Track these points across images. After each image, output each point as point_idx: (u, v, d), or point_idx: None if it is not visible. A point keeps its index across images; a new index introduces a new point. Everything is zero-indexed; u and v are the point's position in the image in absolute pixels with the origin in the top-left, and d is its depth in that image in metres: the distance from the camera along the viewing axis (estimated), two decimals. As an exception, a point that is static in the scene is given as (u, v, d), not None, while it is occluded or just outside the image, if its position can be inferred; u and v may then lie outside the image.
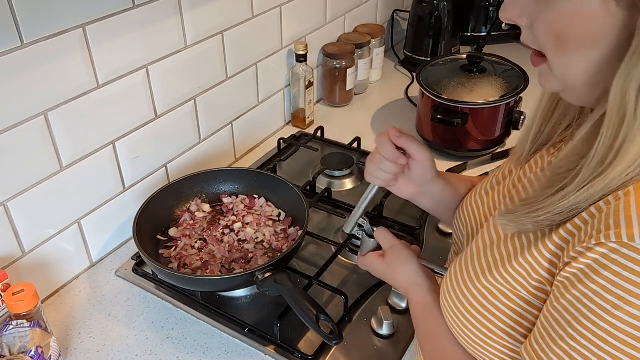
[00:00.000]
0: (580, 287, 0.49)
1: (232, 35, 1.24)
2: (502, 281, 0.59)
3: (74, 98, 0.94)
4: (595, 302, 0.48)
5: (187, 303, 1.00)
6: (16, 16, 0.82)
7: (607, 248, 0.47)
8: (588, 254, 0.49)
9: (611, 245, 0.47)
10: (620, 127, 0.48)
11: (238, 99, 1.34)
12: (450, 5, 1.70)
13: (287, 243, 1.05)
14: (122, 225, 1.13)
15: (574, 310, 0.50)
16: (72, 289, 1.04)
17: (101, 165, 1.04)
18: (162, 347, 0.93)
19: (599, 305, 0.47)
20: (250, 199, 1.15)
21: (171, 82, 1.13)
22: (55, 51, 0.89)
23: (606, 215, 0.49)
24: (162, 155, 1.18)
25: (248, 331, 0.94)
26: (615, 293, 0.46)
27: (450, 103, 1.30)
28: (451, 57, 1.47)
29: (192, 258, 1.02)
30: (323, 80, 1.61)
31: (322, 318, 0.83)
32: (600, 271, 0.48)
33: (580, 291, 0.49)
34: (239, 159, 1.41)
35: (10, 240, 0.93)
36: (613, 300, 0.47)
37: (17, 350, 0.81)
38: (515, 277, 0.58)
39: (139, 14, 1.00)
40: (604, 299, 0.47)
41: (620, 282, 0.46)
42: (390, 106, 1.63)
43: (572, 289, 0.50)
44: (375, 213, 1.16)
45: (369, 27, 1.71)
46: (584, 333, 0.48)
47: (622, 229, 0.47)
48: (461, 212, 0.79)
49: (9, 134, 0.86)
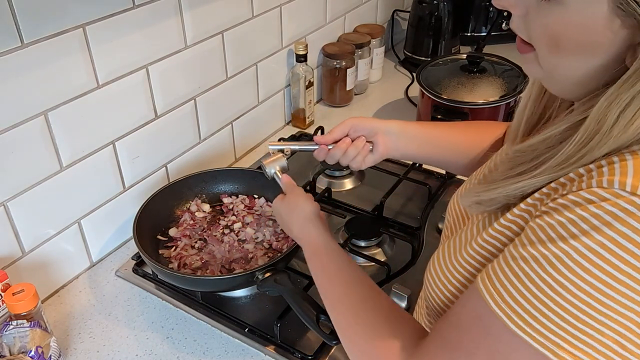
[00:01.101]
0: (574, 241, 0.48)
1: (232, 35, 1.24)
2: (474, 254, 0.60)
3: (74, 98, 0.94)
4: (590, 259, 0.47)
5: (187, 303, 1.00)
6: (16, 16, 0.81)
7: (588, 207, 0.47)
8: (568, 209, 0.48)
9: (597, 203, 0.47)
10: (593, 136, 0.49)
11: (238, 99, 1.34)
12: (450, 5, 1.70)
13: (287, 243, 1.05)
14: (122, 225, 1.13)
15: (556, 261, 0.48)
16: (72, 289, 1.04)
17: (101, 165, 1.04)
18: (162, 347, 0.93)
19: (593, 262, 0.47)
20: (250, 199, 1.15)
21: (171, 82, 1.13)
22: (55, 51, 0.89)
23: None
24: (162, 155, 1.18)
25: (248, 331, 0.94)
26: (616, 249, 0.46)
27: (450, 103, 1.30)
28: (451, 57, 1.47)
29: (192, 258, 1.02)
30: (323, 80, 1.61)
31: (322, 318, 0.83)
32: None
33: (572, 245, 0.48)
34: (239, 159, 1.41)
35: (10, 240, 0.93)
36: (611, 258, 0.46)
37: (17, 350, 0.81)
38: (486, 247, 0.59)
39: (139, 14, 1.00)
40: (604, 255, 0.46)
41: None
42: (390, 106, 1.63)
43: (561, 242, 0.48)
44: (375, 213, 1.16)
45: (369, 27, 1.71)
46: (563, 283, 0.48)
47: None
48: (454, 198, 0.80)
49: (9, 134, 0.86)
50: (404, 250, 1.08)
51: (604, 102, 0.48)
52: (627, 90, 0.47)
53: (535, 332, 0.49)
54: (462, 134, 0.93)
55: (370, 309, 0.67)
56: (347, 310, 0.69)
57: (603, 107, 0.48)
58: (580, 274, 0.47)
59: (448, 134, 0.93)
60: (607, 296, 0.46)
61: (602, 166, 0.48)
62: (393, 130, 0.90)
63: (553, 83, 0.57)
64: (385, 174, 1.25)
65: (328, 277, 0.74)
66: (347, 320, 0.68)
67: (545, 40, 0.53)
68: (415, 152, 0.92)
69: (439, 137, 0.92)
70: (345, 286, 0.71)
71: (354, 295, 0.69)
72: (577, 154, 0.50)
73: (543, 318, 0.49)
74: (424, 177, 1.28)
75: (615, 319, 0.46)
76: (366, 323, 0.66)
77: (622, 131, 0.47)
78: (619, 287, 0.46)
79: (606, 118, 0.48)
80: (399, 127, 0.90)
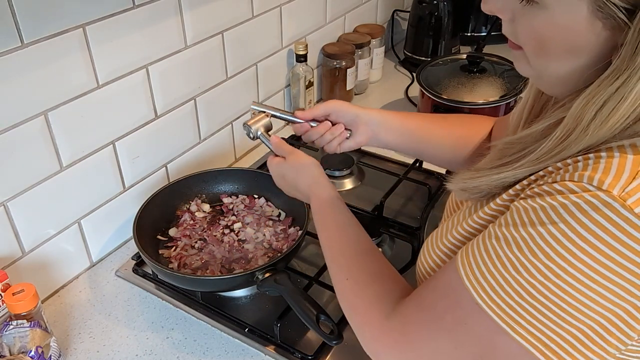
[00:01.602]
0: (551, 227, 0.49)
1: (232, 35, 1.24)
2: (459, 236, 0.63)
3: (74, 98, 0.94)
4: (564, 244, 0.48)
5: (187, 303, 1.00)
6: (16, 16, 0.81)
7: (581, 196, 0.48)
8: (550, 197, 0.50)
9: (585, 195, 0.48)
10: (571, 133, 0.51)
11: (238, 99, 1.34)
12: (450, 5, 1.70)
13: (287, 243, 1.05)
14: (122, 225, 1.13)
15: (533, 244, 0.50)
16: (72, 289, 1.04)
17: (101, 165, 1.04)
18: (162, 347, 0.93)
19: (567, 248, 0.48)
20: (250, 199, 1.15)
21: (171, 82, 1.13)
22: (55, 51, 0.89)
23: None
24: (162, 155, 1.18)
25: (248, 331, 0.94)
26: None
27: (450, 103, 1.30)
28: (451, 57, 1.47)
29: (192, 258, 1.02)
30: (323, 80, 1.61)
31: (322, 318, 0.83)
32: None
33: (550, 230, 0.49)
34: (239, 159, 1.41)
35: (10, 240, 0.93)
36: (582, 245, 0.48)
37: (17, 350, 0.81)
38: (470, 231, 0.62)
39: (139, 14, 1.00)
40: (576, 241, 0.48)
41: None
42: (390, 106, 1.63)
43: (540, 226, 0.50)
44: (375, 213, 1.16)
45: (369, 27, 1.71)
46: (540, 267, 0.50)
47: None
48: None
49: (9, 134, 0.86)
50: (404, 250, 1.08)
51: (582, 101, 0.50)
52: (604, 89, 0.48)
53: (498, 308, 0.52)
54: (446, 129, 0.94)
55: (363, 266, 0.72)
56: (342, 266, 0.74)
57: (580, 106, 0.50)
58: (541, 258, 0.49)
59: (431, 128, 0.93)
60: (565, 282, 0.48)
61: (578, 161, 0.50)
62: (374, 120, 0.90)
63: (542, 81, 0.59)
64: (385, 174, 1.25)
65: (328, 234, 0.78)
66: (341, 274, 0.73)
67: (532, 43, 0.55)
68: (395, 143, 0.93)
69: (421, 130, 0.92)
70: (344, 243, 0.76)
71: (350, 252, 0.74)
72: (555, 149, 0.53)
73: (505, 295, 0.51)
74: (424, 177, 1.28)
75: (573, 305, 0.48)
76: (357, 280, 0.70)
77: (598, 128, 0.49)
78: (576, 274, 0.48)
79: (583, 116, 0.50)
80: (381, 117, 0.91)
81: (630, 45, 0.46)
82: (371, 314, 0.66)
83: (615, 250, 0.46)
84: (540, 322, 0.50)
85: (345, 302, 0.71)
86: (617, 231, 0.46)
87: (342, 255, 0.75)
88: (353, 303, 0.69)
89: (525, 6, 0.52)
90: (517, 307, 0.51)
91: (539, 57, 0.55)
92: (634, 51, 0.46)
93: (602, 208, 0.46)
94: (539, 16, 0.52)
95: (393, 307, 0.64)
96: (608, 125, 0.49)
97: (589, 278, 0.47)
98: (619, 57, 0.47)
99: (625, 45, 0.47)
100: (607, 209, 0.46)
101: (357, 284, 0.70)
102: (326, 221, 0.80)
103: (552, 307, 0.49)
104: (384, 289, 0.68)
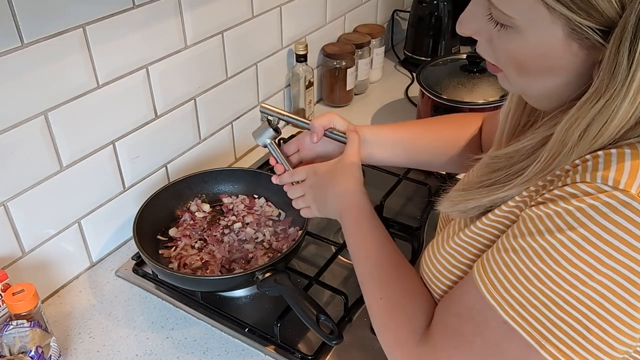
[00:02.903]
0: (571, 233, 0.48)
1: (232, 35, 1.24)
2: (457, 247, 0.63)
3: (74, 98, 0.94)
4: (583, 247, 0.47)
5: (187, 303, 1.00)
6: (16, 16, 0.81)
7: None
8: (563, 201, 0.49)
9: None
10: (557, 157, 0.51)
11: (238, 99, 1.34)
12: (450, 5, 1.70)
13: (287, 243, 1.05)
14: (122, 225, 1.13)
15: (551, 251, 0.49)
16: (72, 289, 1.04)
17: (101, 165, 1.04)
18: (162, 347, 0.93)
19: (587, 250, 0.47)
20: (250, 199, 1.16)
21: (171, 82, 1.13)
22: (55, 51, 0.89)
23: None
24: (162, 155, 1.18)
25: (248, 331, 0.94)
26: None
27: (450, 103, 1.30)
28: (451, 57, 1.47)
29: (192, 258, 1.02)
30: (323, 80, 1.61)
31: (322, 318, 0.83)
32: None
33: (568, 236, 0.48)
34: (239, 159, 1.41)
35: (10, 240, 0.93)
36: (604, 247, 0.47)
37: (17, 350, 0.81)
38: (473, 239, 0.61)
39: (139, 14, 1.00)
40: (598, 244, 0.47)
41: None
42: (390, 106, 1.63)
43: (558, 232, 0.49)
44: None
45: (369, 27, 1.71)
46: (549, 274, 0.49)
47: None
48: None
49: (9, 134, 0.86)
50: (404, 250, 1.06)
51: (565, 124, 0.50)
52: (587, 112, 0.48)
53: (526, 323, 0.50)
54: (438, 132, 0.94)
55: (397, 282, 0.71)
56: (376, 280, 0.72)
57: (564, 130, 0.50)
58: (565, 266, 0.47)
59: (423, 136, 0.93)
60: (592, 289, 0.47)
61: (587, 160, 0.49)
62: (367, 139, 0.90)
63: (528, 97, 0.59)
64: (385, 174, 1.25)
65: (366, 245, 0.77)
66: (375, 293, 0.72)
67: (512, 65, 0.55)
68: (391, 158, 0.93)
69: (414, 140, 0.92)
70: (382, 256, 0.74)
71: (386, 265, 0.73)
72: (545, 170, 0.52)
73: (532, 309, 0.50)
74: (424, 177, 1.28)
75: (599, 314, 0.47)
76: (391, 298, 0.69)
77: (588, 145, 0.49)
78: (602, 279, 0.46)
79: (567, 140, 0.50)
80: (373, 135, 0.90)
81: (607, 66, 0.46)
82: (402, 335, 0.65)
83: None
84: (567, 333, 0.48)
85: (378, 320, 0.71)
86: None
87: (378, 269, 0.73)
88: (385, 322, 0.69)
89: (500, 30, 0.52)
90: (544, 321, 0.49)
91: (520, 77, 0.55)
92: (612, 71, 0.46)
93: (622, 209, 0.45)
94: (515, 40, 0.52)
95: (423, 330, 0.64)
96: (598, 143, 0.48)
97: (615, 283, 0.46)
98: (598, 77, 0.47)
99: (602, 66, 0.46)
100: (626, 209, 0.45)
101: (390, 302, 0.69)
102: (363, 231, 0.78)
103: (581, 318, 0.47)
104: (416, 305, 0.67)
